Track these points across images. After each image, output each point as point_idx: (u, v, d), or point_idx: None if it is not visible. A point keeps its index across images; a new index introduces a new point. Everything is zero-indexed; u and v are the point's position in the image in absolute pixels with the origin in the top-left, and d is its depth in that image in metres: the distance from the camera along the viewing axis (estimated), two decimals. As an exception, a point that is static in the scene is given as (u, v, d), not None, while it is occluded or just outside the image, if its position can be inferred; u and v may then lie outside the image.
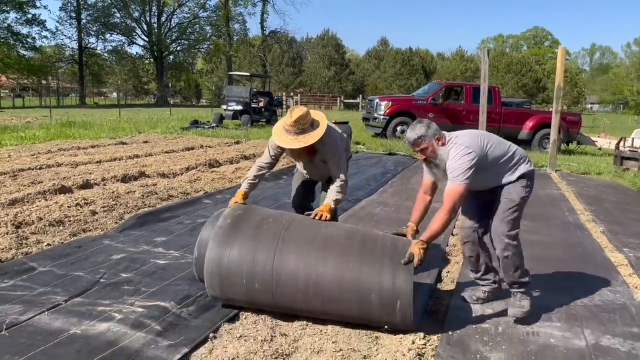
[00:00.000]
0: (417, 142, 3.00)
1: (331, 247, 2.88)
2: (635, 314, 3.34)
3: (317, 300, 2.80)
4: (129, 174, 6.92)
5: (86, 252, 3.94)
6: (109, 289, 3.29)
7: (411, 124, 3.05)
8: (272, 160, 3.55)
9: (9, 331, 2.65)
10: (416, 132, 3.00)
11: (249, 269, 2.82)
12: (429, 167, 3.12)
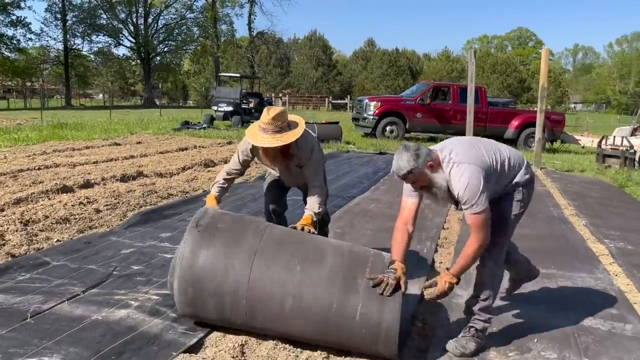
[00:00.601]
0: (408, 177, 2.57)
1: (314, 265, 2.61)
2: (613, 297, 3.61)
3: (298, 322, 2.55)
4: (128, 174, 7.08)
5: (96, 248, 4.12)
6: (122, 280, 3.48)
7: (397, 152, 2.64)
8: (241, 167, 3.39)
9: (34, 319, 2.83)
10: (405, 166, 2.54)
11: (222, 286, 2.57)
12: (423, 193, 2.71)
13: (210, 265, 2.59)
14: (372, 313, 2.46)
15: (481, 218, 2.52)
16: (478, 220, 2.52)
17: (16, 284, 3.31)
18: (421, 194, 2.73)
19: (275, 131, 3.07)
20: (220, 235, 2.67)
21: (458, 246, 4.74)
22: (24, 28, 46.27)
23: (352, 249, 2.84)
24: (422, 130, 16.46)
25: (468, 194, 2.50)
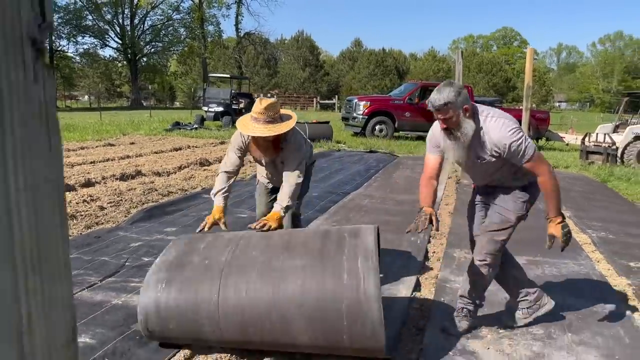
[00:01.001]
0: (442, 108, 2.56)
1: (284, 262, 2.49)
2: (595, 281, 3.87)
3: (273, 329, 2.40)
4: (127, 173, 7.25)
5: (106, 242, 4.31)
6: (135, 270, 3.68)
7: (439, 86, 2.64)
8: (236, 165, 3.26)
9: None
10: (444, 97, 2.56)
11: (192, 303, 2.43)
12: (446, 137, 2.70)
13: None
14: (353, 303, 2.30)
15: (537, 159, 2.61)
16: (536, 163, 2.61)
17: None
18: (442, 153, 2.78)
19: (267, 121, 3.02)
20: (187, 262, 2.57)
21: (450, 237, 4.99)
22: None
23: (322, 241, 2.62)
24: (410, 129, 16.75)
25: (515, 142, 2.56)
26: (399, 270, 3.97)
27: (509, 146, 2.58)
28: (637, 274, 4.12)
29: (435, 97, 2.59)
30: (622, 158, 12.26)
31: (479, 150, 2.68)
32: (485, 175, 2.85)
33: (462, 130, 2.61)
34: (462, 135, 2.62)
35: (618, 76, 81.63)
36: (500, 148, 2.60)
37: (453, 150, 2.72)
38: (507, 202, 2.80)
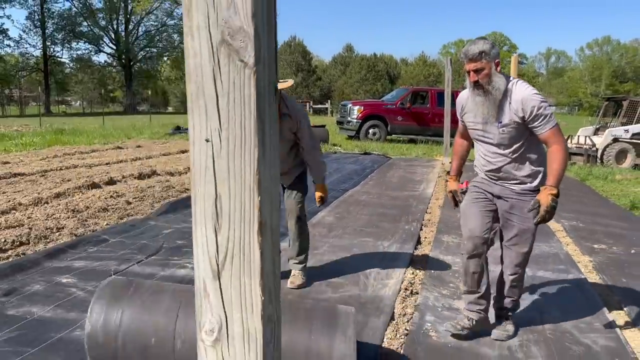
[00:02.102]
0: (476, 57, 2.57)
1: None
2: (562, 258, 4.57)
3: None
4: (143, 173, 7.88)
5: (141, 229, 4.95)
6: (173, 250, 4.32)
7: (473, 39, 2.70)
8: None
9: (117, 275, 3.66)
10: (479, 47, 2.57)
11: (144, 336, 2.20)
12: (474, 95, 2.69)
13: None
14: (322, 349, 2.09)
15: (557, 129, 2.60)
16: (555, 132, 2.60)
17: (89, 254, 4.14)
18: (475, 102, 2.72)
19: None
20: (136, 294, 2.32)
21: (439, 225, 5.67)
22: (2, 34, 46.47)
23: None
24: (402, 133, 17.47)
25: (541, 106, 2.57)
26: (396, 250, 4.63)
27: (536, 108, 2.56)
28: (598, 253, 4.82)
29: (470, 47, 2.61)
30: (601, 159, 13.04)
31: (504, 112, 2.63)
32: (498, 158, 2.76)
33: (494, 85, 2.59)
34: (493, 90, 2.60)
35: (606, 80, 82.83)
36: (525, 110, 2.57)
37: (482, 107, 2.66)
38: (525, 210, 2.71)
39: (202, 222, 1.00)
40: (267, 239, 1.00)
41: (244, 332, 1.02)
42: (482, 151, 2.88)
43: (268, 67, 0.97)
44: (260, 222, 0.97)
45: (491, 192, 2.88)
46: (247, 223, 0.97)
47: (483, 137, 2.80)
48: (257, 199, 0.96)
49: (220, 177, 0.96)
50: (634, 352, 2.85)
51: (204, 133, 0.95)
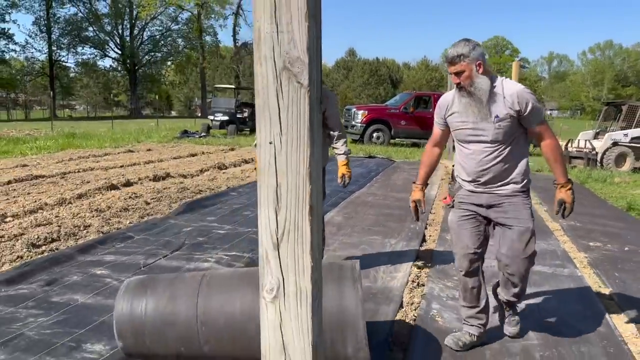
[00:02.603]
0: (454, 60, 2.60)
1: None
2: (559, 254, 4.86)
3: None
4: (158, 175, 8.20)
5: (162, 227, 5.25)
6: (194, 246, 4.63)
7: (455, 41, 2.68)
8: None
9: (146, 268, 3.97)
10: (457, 50, 2.60)
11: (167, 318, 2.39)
12: (460, 97, 2.69)
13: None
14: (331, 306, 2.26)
15: (546, 123, 2.74)
16: (547, 127, 2.72)
17: (117, 249, 4.45)
18: (446, 127, 2.85)
19: None
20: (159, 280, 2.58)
21: (443, 225, 5.96)
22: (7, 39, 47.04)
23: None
24: (405, 137, 17.79)
25: (534, 100, 2.62)
26: (403, 247, 4.93)
27: (530, 102, 2.61)
28: (593, 250, 5.11)
29: (450, 50, 2.65)
30: (601, 162, 13.33)
31: (498, 107, 2.62)
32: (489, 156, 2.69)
33: (476, 86, 2.60)
34: (476, 91, 2.60)
35: (608, 84, 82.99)
36: (521, 104, 2.60)
37: (470, 107, 2.65)
38: (520, 211, 2.73)
39: (265, 205, 1.31)
40: (315, 219, 1.30)
41: (297, 291, 1.32)
42: (469, 154, 2.76)
43: (316, 87, 1.28)
44: (311, 205, 1.28)
45: (480, 203, 2.79)
46: (300, 206, 1.27)
47: (474, 135, 2.71)
48: (308, 188, 1.26)
49: (280, 171, 1.27)
50: (622, 336, 3.14)
51: (268, 137, 1.26)
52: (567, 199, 2.76)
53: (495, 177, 2.73)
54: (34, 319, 3.02)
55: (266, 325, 1.36)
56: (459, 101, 2.71)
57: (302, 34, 1.21)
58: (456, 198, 2.92)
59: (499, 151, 2.68)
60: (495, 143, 2.68)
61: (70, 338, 2.80)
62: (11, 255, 4.19)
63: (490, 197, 2.77)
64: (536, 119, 2.66)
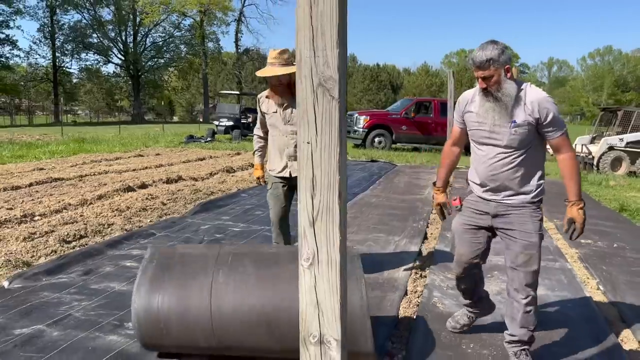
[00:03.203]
0: (484, 65, 2.49)
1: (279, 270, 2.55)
2: (551, 250, 5.22)
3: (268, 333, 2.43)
4: (170, 178, 8.57)
5: (181, 225, 5.62)
6: (213, 242, 4.98)
7: (483, 43, 2.55)
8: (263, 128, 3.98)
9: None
10: (487, 54, 2.48)
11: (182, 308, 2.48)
12: (484, 100, 2.61)
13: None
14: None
15: (567, 135, 2.59)
16: (566, 140, 2.59)
17: (142, 245, 4.81)
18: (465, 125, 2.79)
19: (282, 64, 3.56)
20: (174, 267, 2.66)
21: (444, 224, 6.31)
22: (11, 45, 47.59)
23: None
24: (407, 141, 18.16)
25: (555, 110, 2.52)
26: (405, 244, 5.28)
27: (551, 112, 2.52)
28: (584, 247, 5.46)
29: (478, 53, 2.52)
30: (597, 166, 13.69)
31: (517, 113, 2.55)
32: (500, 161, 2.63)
33: (504, 91, 2.53)
34: (503, 97, 2.54)
35: (608, 90, 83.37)
36: (541, 112, 2.51)
37: (492, 112, 2.58)
38: (526, 224, 2.62)
39: (304, 191, 1.67)
40: (342, 203, 1.66)
41: (328, 259, 1.68)
42: (482, 155, 2.71)
43: (344, 99, 1.65)
44: (339, 192, 1.64)
45: (487, 211, 2.74)
46: (331, 192, 1.64)
47: (489, 138, 2.64)
48: (337, 178, 1.63)
49: (316, 164, 1.63)
50: (607, 320, 3.49)
51: (306, 138, 1.63)
52: (577, 218, 2.63)
53: (504, 185, 2.65)
54: (78, 303, 3.39)
55: (304, 287, 1.72)
56: (481, 104, 2.64)
57: (333, 58, 1.58)
58: (465, 202, 2.89)
59: (512, 158, 2.60)
60: (509, 149, 2.60)
61: (113, 318, 3.16)
62: (46, 250, 4.55)
63: (498, 206, 2.70)
64: (555, 130, 2.55)
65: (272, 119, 3.82)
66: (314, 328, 1.72)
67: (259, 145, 4.14)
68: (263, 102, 3.89)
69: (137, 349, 2.77)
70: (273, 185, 3.94)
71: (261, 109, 3.91)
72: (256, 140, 4.16)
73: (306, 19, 1.58)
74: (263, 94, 3.93)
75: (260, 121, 3.99)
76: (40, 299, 3.44)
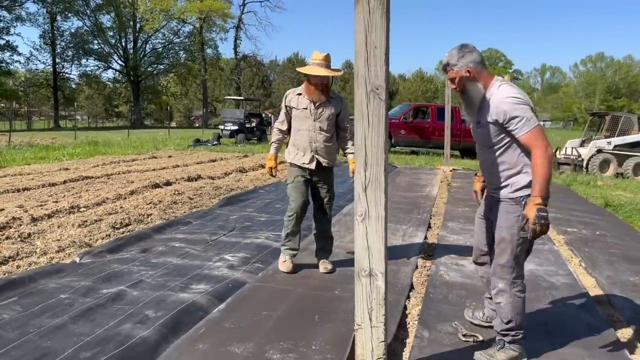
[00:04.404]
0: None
1: None
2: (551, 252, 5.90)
3: None
4: (191, 176, 9.24)
5: (212, 216, 6.29)
6: (244, 229, 5.66)
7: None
8: (285, 123, 4.19)
9: (212, 242, 5.00)
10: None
11: None
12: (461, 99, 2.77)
13: None
14: None
15: (537, 132, 2.50)
16: (534, 135, 2.50)
17: (183, 231, 5.48)
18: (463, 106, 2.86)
19: (327, 66, 3.93)
20: None
21: (445, 215, 7.01)
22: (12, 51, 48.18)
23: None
24: (405, 145, 18.88)
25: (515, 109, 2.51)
26: (412, 231, 5.97)
27: (508, 112, 2.52)
28: (570, 234, 6.17)
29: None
30: (587, 168, 14.46)
31: (483, 113, 2.65)
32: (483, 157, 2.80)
33: (467, 92, 2.67)
34: (467, 96, 2.68)
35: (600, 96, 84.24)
36: (498, 114, 2.56)
37: (464, 110, 2.80)
38: (500, 218, 2.69)
39: (359, 166, 2.35)
40: (385, 174, 2.36)
41: (376, 215, 2.37)
42: (478, 153, 2.91)
43: (387, 100, 2.33)
44: (384, 166, 2.33)
45: (487, 203, 2.94)
46: (379, 167, 2.33)
47: (474, 136, 2.84)
48: (383, 156, 2.32)
49: (369, 146, 2.32)
50: (585, 287, 4.18)
51: (362, 129, 2.31)
52: (529, 215, 2.46)
53: (489, 180, 2.81)
54: (146, 272, 4.06)
55: (358, 235, 2.41)
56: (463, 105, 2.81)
57: (381, 72, 2.27)
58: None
59: (490, 154, 2.70)
60: (484, 147, 2.74)
61: (179, 282, 3.84)
62: (100, 234, 5.22)
63: (491, 199, 2.85)
64: (520, 129, 2.52)
65: (302, 114, 4.06)
66: (365, 265, 2.41)
67: (278, 138, 4.28)
68: (292, 98, 4.10)
69: (205, 301, 3.45)
70: (295, 179, 4.14)
71: (290, 104, 4.11)
72: (276, 133, 4.29)
73: (362, 45, 2.29)
74: (294, 90, 4.16)
75: (285, 116, 4.17)
76: (113, 269, 4.11)
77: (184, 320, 3.16)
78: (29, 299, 3.42)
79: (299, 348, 2.85)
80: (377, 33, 2.27)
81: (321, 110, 4.03)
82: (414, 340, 3.08)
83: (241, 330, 3.05)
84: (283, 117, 4.20)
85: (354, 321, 2.47)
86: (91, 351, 2.70)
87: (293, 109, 4.10)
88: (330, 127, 4.09)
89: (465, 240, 5.51)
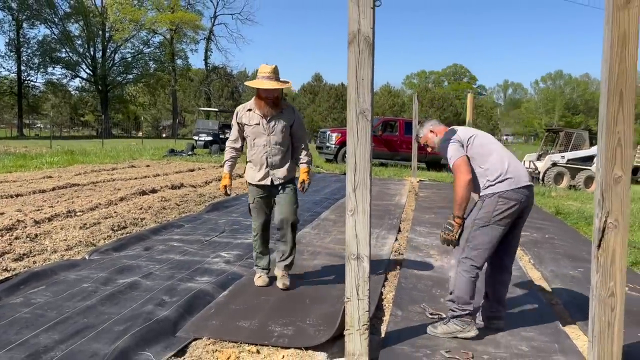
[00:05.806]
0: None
1: None
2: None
3: None
4: (174, 184, 9.72)
5: (202, 220, 6.82)
6: (233, 231, 6.22)
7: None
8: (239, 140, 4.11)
9: (207, 242, 5.55)
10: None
11: None
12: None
13: None
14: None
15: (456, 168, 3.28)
16: (455, 170, 3.30)
17: (177, 233, 6.02)
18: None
19: (276, 79, 3.88)
20: None
21: (413, 221, 7.71)
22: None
23: None
24: (374, 157, 19.61)
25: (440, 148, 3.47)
26: (384, 235, 6.63)
27: (441, 151, 3.46)
28: (523, 237, 6.82)
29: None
30: (543, 180, 15.49)
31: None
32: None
33: (434, 147, 3.62)
34: (436, 149, 3.60)
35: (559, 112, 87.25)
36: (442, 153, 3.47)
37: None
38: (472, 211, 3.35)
39: (350, 171, 3.00)
40: (370, 178, 3.00)
41: (363, 210, 3.01)
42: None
43: (372, 121, 2.99)
44: (370, 171, 2.98)
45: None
46: (365, 172, 2.98)
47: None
48: (369, 164, 2.98)
49: (358, 156, 2.97)
50: (533, 280, 4.92)
51: (352, 143, 2.97)
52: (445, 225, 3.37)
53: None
54: (153, 265, 4.59)
55: (348, 226, 3.03)
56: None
57: (368, 97, 2.93)
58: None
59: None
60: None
61: (184, 274, 4.39)
62: (102, 235, 5.71)
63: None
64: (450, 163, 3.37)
65: (254, 130, 3.99)
66: (354, 249, 3.04)
67: (231, 156, 4.19)
68: (243, 115, 4.02)
69: (211, 288, 4.02)
70: (255, 200, 4.14)
71: (241, 120, 4.03)
72: (229, 151, 4.19)
73: (353, 77, 2.95)
74: (244, 106, 4.08)
75: (238, 132, 4.10)
76: (123, 264, 4.62)
77: (195, 303, 3.72)
78: (56, 287, 3.93)
79: (295, 322, 3.45)
80: (365, 69, 2.92)
81: (274, 124, 3.98)
82: (389, 317, 3.73)
83: (245, 311, 3.64)
84: (236, 134, 4.13)
85: (344, 296, 3.10)
86: (123, 325, 3.24)
87: (245, 125, 4.04)
88: (285, 139, 4.03)
89: (431, 242, 6.21)
